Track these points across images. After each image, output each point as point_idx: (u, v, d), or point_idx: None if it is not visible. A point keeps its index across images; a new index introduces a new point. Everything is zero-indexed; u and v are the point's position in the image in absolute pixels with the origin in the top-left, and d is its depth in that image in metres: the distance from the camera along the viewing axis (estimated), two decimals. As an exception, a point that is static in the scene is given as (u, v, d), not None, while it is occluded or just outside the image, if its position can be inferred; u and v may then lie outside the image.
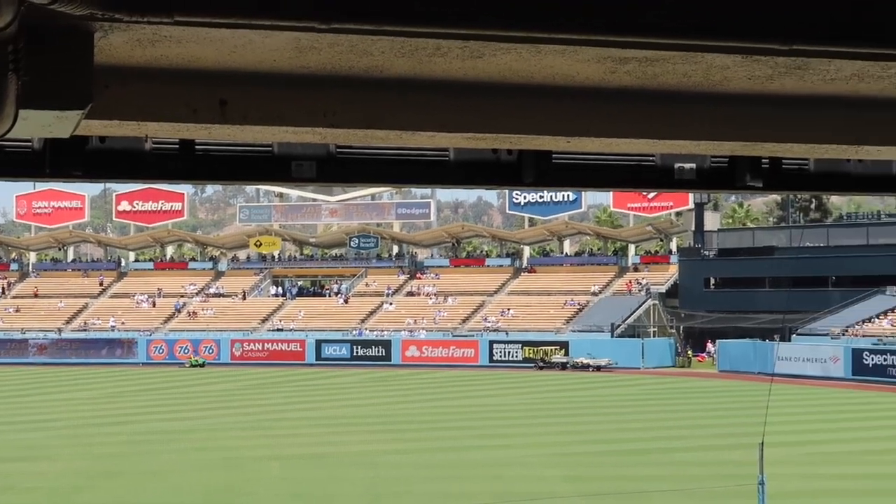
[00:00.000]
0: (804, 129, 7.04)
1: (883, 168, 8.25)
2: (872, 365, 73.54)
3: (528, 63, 5.77)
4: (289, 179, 7.84)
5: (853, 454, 44.89)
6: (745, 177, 7.87)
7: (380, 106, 6.29)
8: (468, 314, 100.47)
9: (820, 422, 55.31)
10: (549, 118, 6.66)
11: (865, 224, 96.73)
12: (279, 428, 54.37)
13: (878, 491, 36.79)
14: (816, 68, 5.89)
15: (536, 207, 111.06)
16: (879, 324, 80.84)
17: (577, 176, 7.88)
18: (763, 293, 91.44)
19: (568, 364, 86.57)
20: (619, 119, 6.72)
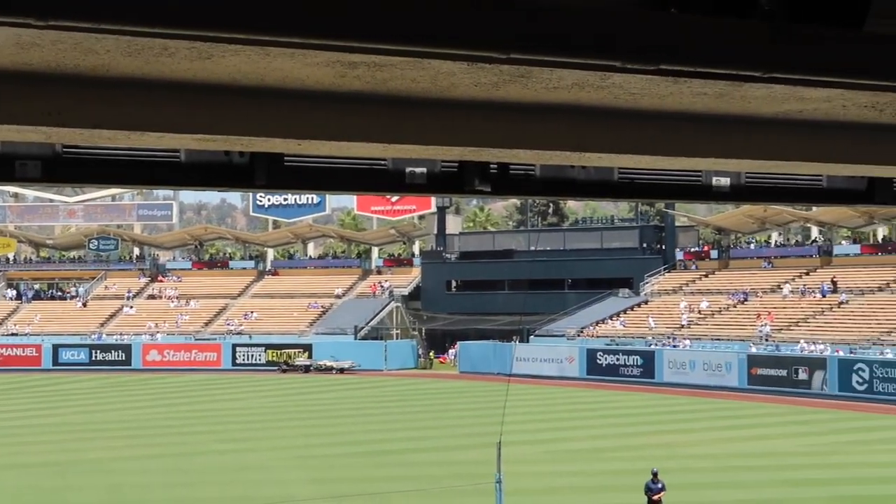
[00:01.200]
0: (530, 135, 7.26)
1: (605, 174, 8.59)
2: (606, 365, 75.96)
3: (257, 65, 5.78)
4: (12, 179, 7.63)
5: (587, 451, 46.26)
6: (475, 181, 8.06)
7: (107, 105, 6.19)
8: (211, 317, 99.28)
9: (556, 420, 56.75)
10: (280, 121, 6.69)
11: (600, 228, 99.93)
12: (14, 436, 52.53)
13: (611, 487, 37.97)
14: (539, 77, 6.08)
15: (280, 210, 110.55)
16: (612, 325, 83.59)
17: (310, 179, 7.93)
18: (502, 295, 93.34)
19: (311, 367, 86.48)
20: (350, 123, 6.79)
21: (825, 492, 36.72)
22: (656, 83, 6.21)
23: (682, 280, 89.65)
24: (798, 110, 7.15)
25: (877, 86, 6.01)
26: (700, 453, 45.19)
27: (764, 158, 8.11)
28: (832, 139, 7.86)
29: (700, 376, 69.91)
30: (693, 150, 7.77)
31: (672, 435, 50.32)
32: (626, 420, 56.27)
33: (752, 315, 77.46)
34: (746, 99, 6.76)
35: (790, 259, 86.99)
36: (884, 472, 40.06)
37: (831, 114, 7.25)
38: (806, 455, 44.56)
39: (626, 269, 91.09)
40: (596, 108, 6.92)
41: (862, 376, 61.47)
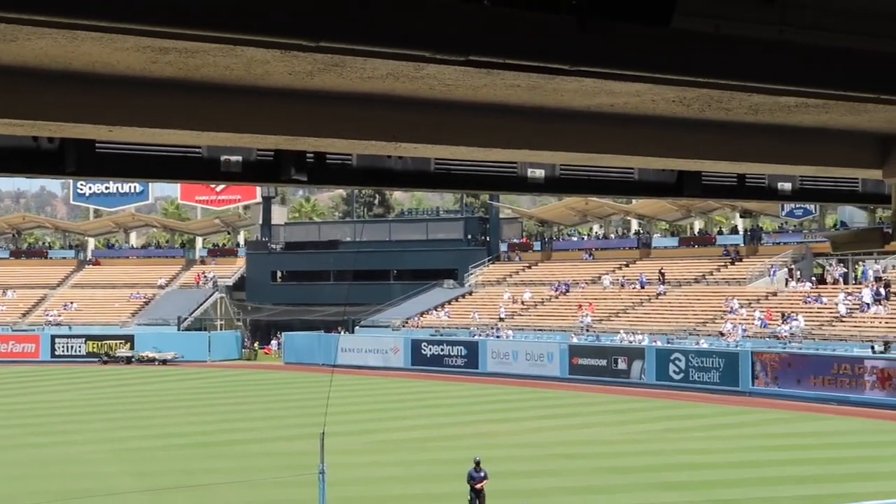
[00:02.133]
0: (345, 125, 7.25)
1: (421, 165, 8.63)
2: (430, 355, 76.38)
3: (65, 49, 5.65)
4: None
5: (411, 441, 46.44)
6: (291, 170, 8.02)
7: None
8: (29, 308, 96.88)
9: (380, 411, 56.85)
10: (90, 106, 6.55)
11: (425, 220, 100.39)
12: None
13: (434, 476, 38.17)
14: (353, 66, 6.08)
15: (102, 198, 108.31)
16: (437, 315, 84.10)
17: (123, 166, 7.78)
18: (328, 286, 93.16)
19: (133, 358, 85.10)
20: (163, 110, 6.70)
21: (643, 479, 37.52)
22: (470, 74, 6.26)
23: (506, 271, 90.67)
24: (609, 104, 7.29)
25: (683, 81, 6.16)
26: (522, 442, 45.77)
27: (577, 151, 8.25)
28: (643, 133, 8.04)
29: (523, 366, 70.77)
30: (508, 142, 7.85)
31: (495, 424, 50.86)
32: (449, 410, 56.68)
33: (573, 306, 78.75)
34: (559, 92, 6.86)
35: (611, 251, 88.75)
36: (698, 458, 41.14)
37: (641, 108, 7.41)
38: (625, 443, 45.47)
39: (451, 260, 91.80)
40: (411, 99, 6.95)
41: (678, 366, 63.00)
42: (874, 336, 59.47)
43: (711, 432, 48.15)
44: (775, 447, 43.55)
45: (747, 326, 66.23)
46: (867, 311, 63.81)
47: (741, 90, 6.56)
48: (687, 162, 9.14)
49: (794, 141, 8.70)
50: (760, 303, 70.17)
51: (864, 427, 48.58)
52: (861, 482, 35.47)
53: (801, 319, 64.17)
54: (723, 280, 76.60)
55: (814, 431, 48.27)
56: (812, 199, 11.92)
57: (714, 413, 54.19)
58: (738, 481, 36.43)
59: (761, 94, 6.87)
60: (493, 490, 31.98)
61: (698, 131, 8.19)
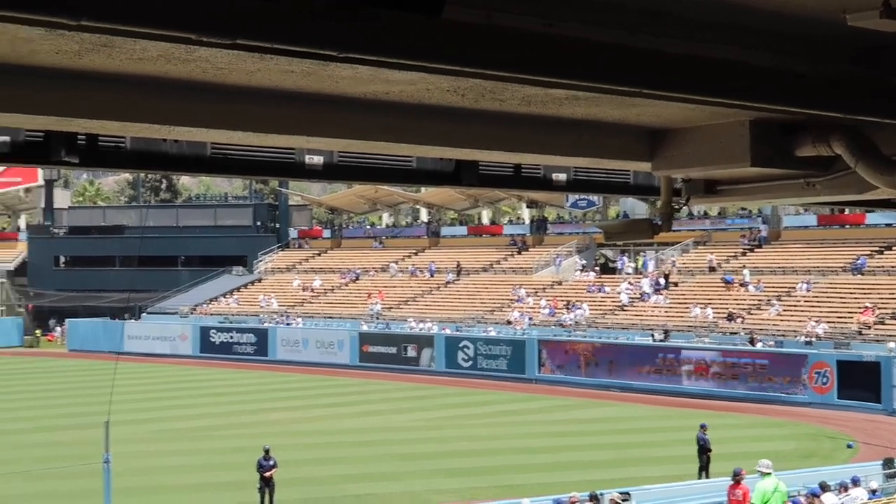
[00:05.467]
0: (117, 107, 7.12)
1: (198, 149, 8.53)
2: (219, 342, 75.71)
3: None
4: None
5: (199, 429, 46.04)
6: (61, 152, 7.84)
7: None
8: None
9: (167, 399, 56.16)
10: None
11: (214, 206, 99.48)
12: None
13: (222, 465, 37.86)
14: (123, 47, 5.96)
15: None
16: (226, 302, 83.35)
17: None
18: (114, 272, 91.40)
19: None
20: None
21: (431, 465, 37.96)
22: (243, 59, 6.21)
23: (296, 258, 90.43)
24: (384, 92, 7.33)
25: (455, 71, 6.23)
26: (311, 429, 45.80)
27: (355, 138, 8.26)
28: (419, 121, 8.10)
29: (313, 354, 70.76)
30: (284, 127, 7.82)
31: (284, 412, 50.73)
32: (238, 398, 56.31)
33: (363, 294, 78.99)
34: (334, 79, 6.86)
35: (400, 239, 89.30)
36: (486, 444, 41.79)
37: (417, 97, 7.46)
38: (414, 430, 45.92)
39: (240, 247, 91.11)
40: (185, 82, 6.85)
41: (467, 353, 63.83)
42: (654, 325, 61.27)
43: (498, 419, 48.96)
44: (560, 433, 44.57)
45: (533, 315, 67.46)
46: (648, 300, 65.70)
47: (513, 81, 6.67)
48: (464, 151, 9.26)
49: (567, 132, 8.90)
50: (546, 291, 71.54)
51: (650, 413, 50.03)
52: (641, 466, 36.55)
53: (585, 308, 65.67)
54: (510, 269, 77.83)
55: (598, 417, 49.51)
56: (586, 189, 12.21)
57: (501, 400, 55.10)
58: (524, 467, 37.15)
59: (532, 87, 7.00)
60: (283, 479, 31.92)
61: (474, 121, 8.30)
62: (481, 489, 33.83)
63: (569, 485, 29.66)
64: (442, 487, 34.44)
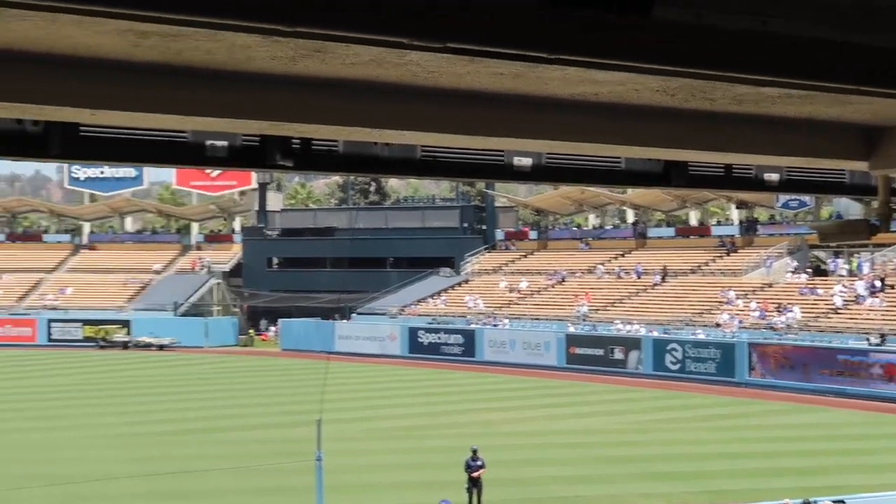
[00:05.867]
0: (330, 111, 7.25)
1: (408, 152, 8.63)
2: (427, 343, 76.44)
3: (46, 32, 5.65)
4: None
5: (408, 429, 46.56)
6: (276, 156, 8.03)
7: None
8: (25, 292, 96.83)
9: (377, 398, 56.92)
10: (73, 89, 6.55)
11: (421, 208, 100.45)
12: None
13: (431, 464, 38.28)
14: (335, 52, 6.07)
15: (97, 183, 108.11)
16: (433, 303, 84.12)
17: (107, 150, 7.78)
18: (324, 273, 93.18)
19: (130, 343, 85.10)
20: (145, 93, 6.70)
21: (638, 468, 37.62)
22: (453, 62, 6.26)
23: (502, 260, 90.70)
24: (593, 93, 7.29)
25: (665, 71, 6.15)
26: (519, 431, 45.86)
27: (562, 139, 8.25)
28: (628, 122, 8.04)
29: (520, 355, 70.83)
30: (493, 129, 7.86)
31: (492, 413, 50.93)
32: (446, 398, 56.75)
33: (569, 295, 78.78)
34: (543, 80, 6.86)
35: (606, 241, 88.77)
36: (693, 449, 41.22)
37: (625, 97, 7.40)
38: (620, 433, 45.55)
39: (447, 248, 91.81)
40: (396, 86, 6.94)
41: (675, 356, 63.04)
42: (870, 329, 59.49)
43: (707, 423, 48.22)
44: (770, 438, 43.62)
45: (743, 318, 66.26)
46: (863, 303, 63.84)
47: (724, 80, 6.56)
48: (673, 152, 9.15)
49: (780, 131, 8.71)
50: (756, 294, 70.18)
51: (864, 420, 48.60)
52: (858, 474, 35.53)
53: (797, 311, 64.19)
54: (718, 271, 76.61)
55: (811, 423, 48.31)
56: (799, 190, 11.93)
57: (710, 404, 54.24)
58: (733, 472, 36.52)
59: (744, 85, 6.86)
60: (490, 479, 32.07)
61: (683, 121, 8.18)
62: (690, 494, 33.39)
63: (780, 491, 29.08)
64: (649, 491, 34.09)
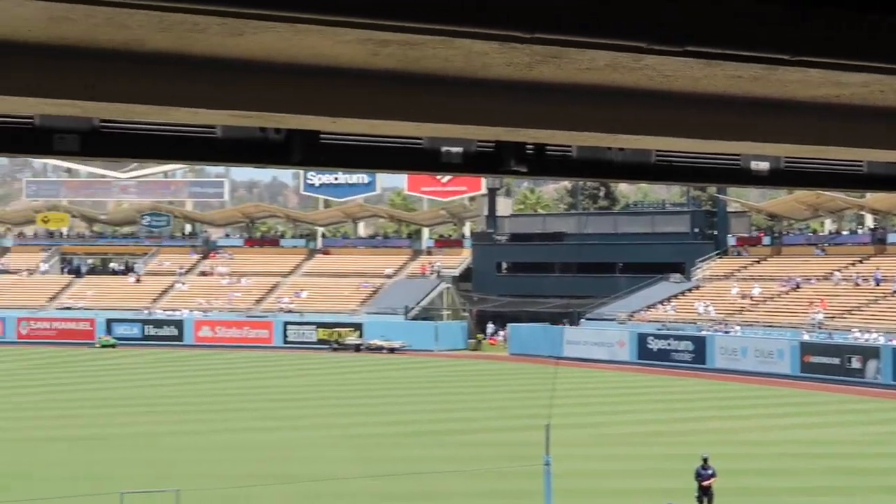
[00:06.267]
0: (565, 116, 7.24)
1: (642, 157, 8.55)
2: (657, 349, 75.69)
3: (290, 43, 5.81)
4: (51, 152, 7.71)
5: (637, 435, 46.16)
6: (511, 162, 8.06)
7: (140, 80, 6.24)
8: (262, 295, 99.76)
9: (606, 404, 56.67)
10: (314, 98, 6.71)
11: (651, 213, 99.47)
12: (64, 408, 53.19)
13: (660, 471, 37.86)
14: (571, 57, 6.06)
15: (331, 189, 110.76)
16: (663, 309, 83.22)
17: (346, 156, 7.95)
18: (553, 278, 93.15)
19: (362, 346, 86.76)
20: (384, 101, 6.81)
21: (877, 481, 36.46)
22: (689, 65, 6.17)
23: (734, 266, 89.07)
24: (835, 95, 7.09)
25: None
26: (751, 440, 44.96)
27: (802, 143, 8.05)
28: (871, 124, 7.79)
29: (752, 363, 69.47)
30: (730, 133, 7.72)
31: (723, 421, 50.09)
32: (676, 405, 56.06)
33: (804, 302, 76.85)
34: (783, 83, 6.71)
35: (843, 247, 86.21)
36: (934, 462, 39.73)
37: (869, 99, 7.18)
38: (857, 444, 44.23)
39: (677, 253, 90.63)
40: (631, 90, 6.89)
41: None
42: None
43: (948, 436, 46.41)
44: None
45: None
46: None
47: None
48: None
49: None
50: None
51: None
52: None
53: None
54: (963, 278, 73.64)
55: None
56: None
57: (951, 416, 52.22)
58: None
59: None
60: (721, 488, 31.55)
61: (932, 124, 7.89)
62: (931, 509, 32.21)
63: None
64: (888, 505, 33.04)
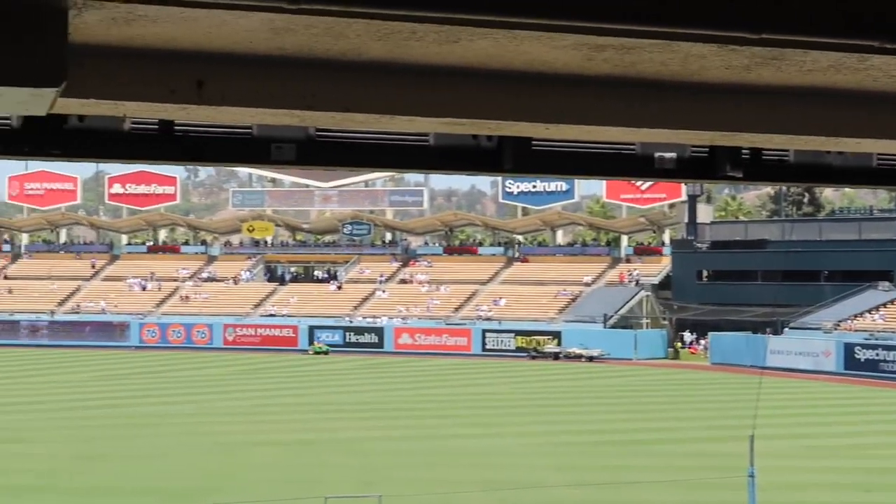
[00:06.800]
0: (783, 120, 7.05)
1: (863, 161, 8.28)
2: (864, 360, 73.61)
3: (505, 49, 5.78)
4: (268, 162, 7.85)
5: (846, 448, 45.00)
6: (726, 167, 7.90)
7: (357, 89, 6.29)
8: (461, 303, 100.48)
9: (811, 415, 55.41)
10: (528, 104, 6.67)
11: (858, 219, 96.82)
12: (270, 413, 54.45)
13: (872, 485, 36.87)
14: (792, 59, 5.89)
15: (529, 197, 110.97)
16: (871, 319, 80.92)
17: (557, 163, 7.90)
18: (755, 286, 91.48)
19: (560, 354, 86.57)
20: (598, 106, 6.73)
21: None
22: (921, 65, 5.94)
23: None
24: None
25: None
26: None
27: None
28: None
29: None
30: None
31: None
32: (888, 417, 54.34)
33: None
34: None
35: None
36: None
37: None
38: None
39: (886, 261, 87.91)
40: (852, 92, 6.66)
41: None
42: None
43: None
44: None
45: None
46: None
47: None
48: None
49: None
50: None
51: None
52: None
53: None
54: None
55: None
56: None
57: None
58: None
59: None
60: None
61: None
62: None
63: None
64: None
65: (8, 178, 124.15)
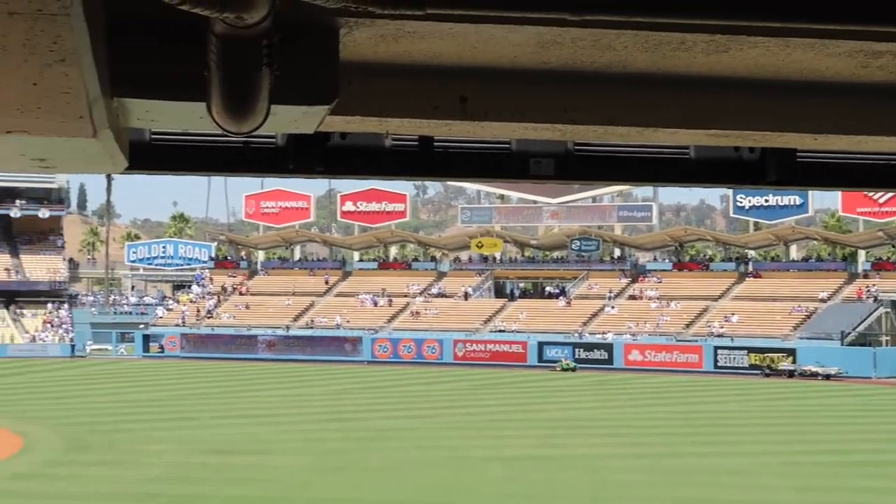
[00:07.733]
0: None
1: None
2: None
3: (775, 58, 5.62)
4: (527, 177, 7.82)
5: None
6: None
7: (619, 102, 6.21)
8: (691, 319, 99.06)
9: None
10: (795, 115, 6.48)
11: None
12: (501, 429, 54.61)
13: None
14: None
15: (761, 211, 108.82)
16: None
17: (822, 176, 7.66)
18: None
19: (795, 372, 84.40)
20: (868, 116, 6.49)
21: None
22: None
23: None
24: None
25: None
26: None
27: None
28: None
29: None
30: None
31: None
32: None
33: None
34: None
35: None
36: None
37: None
38: None
39: None
40: None
41: None
42: None
43: None
44: None
45: None
46: None
47: None
48: None
49: None
50: None
51: None
52: None
53: None
54: None
55: None
56: None
57: None
58: None
59: None
60: None
61: None
62: None
63: None
64: None
65: (245, 196, 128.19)
